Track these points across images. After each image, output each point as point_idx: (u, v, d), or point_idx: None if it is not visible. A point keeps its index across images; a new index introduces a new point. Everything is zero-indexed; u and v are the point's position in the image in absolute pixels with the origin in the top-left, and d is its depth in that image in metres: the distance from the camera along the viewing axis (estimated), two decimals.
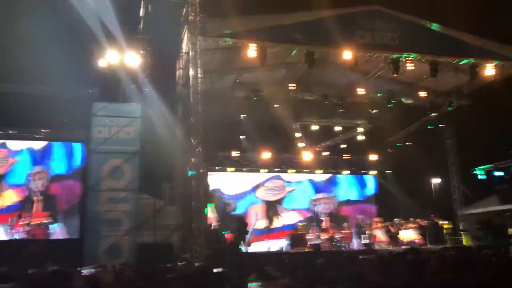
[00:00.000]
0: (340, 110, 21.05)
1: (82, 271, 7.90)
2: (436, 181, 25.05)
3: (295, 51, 17.67)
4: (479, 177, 23.72)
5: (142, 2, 18.01)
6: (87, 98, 17.70)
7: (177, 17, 17.66)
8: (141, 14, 18.26)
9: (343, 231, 20.41)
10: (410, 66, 17.95)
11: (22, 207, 18.15)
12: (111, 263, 12.95)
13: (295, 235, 19.89)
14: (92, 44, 17.00)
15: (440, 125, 23.52)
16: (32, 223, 17.44)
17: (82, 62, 17.28)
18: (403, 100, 21.35)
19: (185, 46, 17.92)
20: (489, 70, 18.79)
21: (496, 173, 23.04)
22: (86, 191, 16.67)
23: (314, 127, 23.62)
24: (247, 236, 19.11)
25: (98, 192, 15.84)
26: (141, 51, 17.77)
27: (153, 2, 17.55)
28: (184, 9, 17.09)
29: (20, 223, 17.47)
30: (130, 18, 18.35)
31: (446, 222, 21.33)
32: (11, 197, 18.22)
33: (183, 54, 18.43)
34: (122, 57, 17.18)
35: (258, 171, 23.87)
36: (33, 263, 10.43)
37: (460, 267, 5.70)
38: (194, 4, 16.30)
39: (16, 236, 17.05)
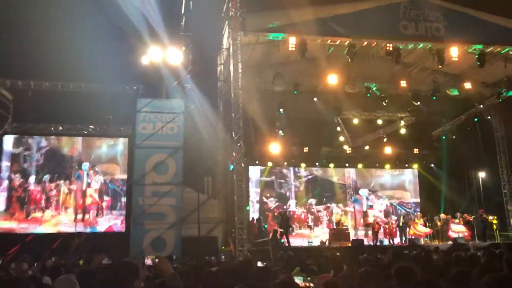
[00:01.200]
0: (383, 103, 20.65)
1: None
2: (483, 175, 24.22)
3: (336, 43, 17.42)
4: None
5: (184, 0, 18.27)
6: (132, 95, 18.20)
7: (218, 13, 17.82)
8: (182, 11, 18.54)
9: (387, 227, 20.13)
10: (455, 57, 17.39)
11: None
12: (156, 255, 13.34)
13: (335, 229, 19.78)
14: (136, 42, 17.43)
15: (488, 117, 22.70)
16: None
17: (127, 60, 17.75)
18: (448, 92, 20.71)
19: (225, 41, 18.07)
20: None
21: None
22: (131, 185, 17.14)
23: (355, 121, 23.33)
24: (290, 230, 19.18)
25: (143, 186, 16.26)
26: (183, 48, 18.05)
27: None
28: (225, 5, 17.23)
29: None
30: (172, 16, 18.69)
31: (495, 217, 20.62)
32: None
33: (224, 49, 18.60)
34: (164, 54, 17.53)
35: (298, 165, 23.81)
36: (82, 255, 10.91)
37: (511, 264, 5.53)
38: None
39: None
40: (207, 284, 4.85)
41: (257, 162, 22.88)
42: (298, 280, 4.68)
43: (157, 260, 7.06)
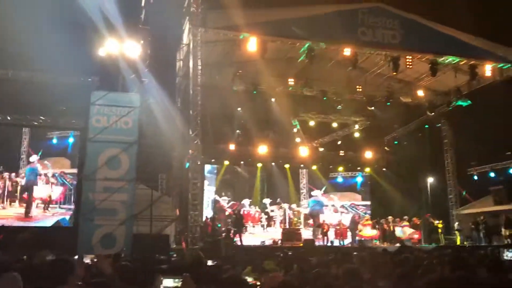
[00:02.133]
0: (338, 106, 21.06)
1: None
2: (432, 180, 25.14)
3: (296, 45, 17.58)
4: (474, 177, 23.88)
5: None
6: (86, 87, 17.64)
7: (179, 8, 17.61)
8: (142, 4, 18.18)
9: (338, 228, 20.52)
10: (409, 65, 17.96)
11: None
12: (105, 252, 13.00)
13: (288, 229, 19.98)
14: (92, 33, 16.93)
15: (437, 125, 23.57)
16: None
17: (82, 51, 17.18)
18: (401, 98, 21.38)
19: (186, 37, 17.91)
20: (489, 71, 18.84)
21: (492, 174, 23.19)
22: (81, 180, 16.64)
23: (312, 123, 23.64)
24: (243, 230, 19.22)
25: (94, 181, 15.80)
26: (142, 41, 17.71)
27: None
28: (186, 0, 17.05)
29: None
30: (132, 8, 18.29)
31: (441, 221, 21.46)
32: None
33: (183, 45, 18.41)
34: (122, 47, 17.13)
35: (254, 165, 23.90)
36: (27, 250, 10.49)
37: (452, 266, 5.76)
38: None
39: None
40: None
41: (213, 160, 22.78)
42: (248, 278, 4.68)
43: (95, 259, 6.88)
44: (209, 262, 7.26)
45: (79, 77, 18.14)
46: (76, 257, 8.74)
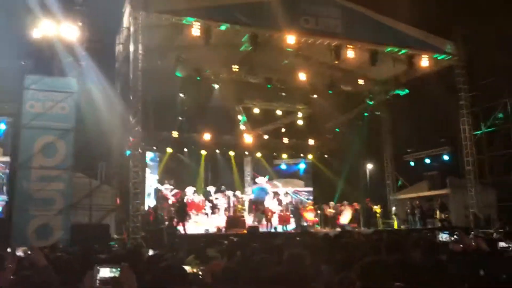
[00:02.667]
0: (282, 94, 21.23)
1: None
2: (371, 166, 26.01)
3: (239, 32, 17.46)
4: (411, 163, 24.95)
5: None
6: (19, 71, 16.66)
7: None
8: None
9: (281, 214, 20.78)
10: (350, 54, 18.33)
11: None
12: (41, 243, 12.47)
13: (231, 217, 20.02)
14: (25, 13, 15.99)
15: (376, 113, 24.33)
16: None
17: (14, 33, 16.19)
18: (342, 87, 21.86)
19: (126, 20, 17.31)
20: (425, 61, 19.60)
21: (427, 160, 24.28)
22: (15, 168, 15.81)
23: (256, 110, 23.69)
24: (187, 218, 19.04)
25: (29, 170, 15.07)
26: (79, 23, 16.93)
27: None
28: None
29: None
30: None
31: (379, 206, 22.27)
32: None
33: (123, 28, 17.80)
34: (58, 29, 16.31)
35: (198, 152, 23.67)
36: None
37: (389, 249, 5.95)
38: None
39: None
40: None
41: (155, 148, 22.32)
42: (188, 267, 4.61)
43: (29, 252, 6.54)
44: (151, 252, 7.10)
45: (11, 60, 17.10)
46: (9, 249, 8.30)
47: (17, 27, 16.20)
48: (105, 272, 3.96)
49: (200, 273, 4.70)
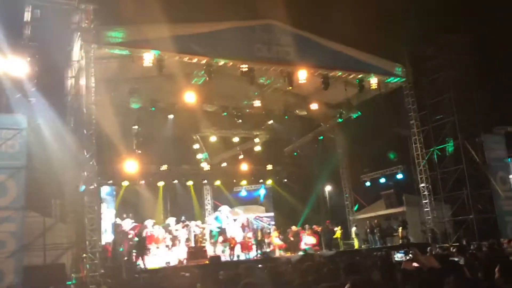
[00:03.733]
0: (239, 121, 21.34)
1: None
2: (329, 188, 26.38)
3: (194, 61, 17.53)
4: (367, 183, 25.49)
5: (30, 7, 16.76)
6: None
7: (68, 24, 16.74)
8: (28, 19, 17.01)
9: (243, 241, 20.63)
10: (303, 80, 18.74)
11: None
12: None
13: (193, 248, 19.67)
14: None
15: (331, 136, 24.83)
16: None
17: None
18: (297, 112, 22.23)
19: (76, 54, 17.08)
20: (375, 84, 20.27)
21: (382, 180, 24.88)
22: None
23: (213, 138, 23.70)
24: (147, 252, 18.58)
25: None
26: (28, 59, 16.55)
27: (40, 6, 16.42)
28: (77, 16, 16.26)
29: None
30: (15, 23, 17.05)
31: (339, 227, 22.51)
32: None
33: (74, 62, 17.53)
34: (6, 64, 15.87)
35: (155, 184, 23.31)
36: None
37: (348, 271, 6.02)
38: (88, 10, 15.62)
39: None
40: None
41: (111, 181, 21.81)
42: None
43: None
44: None
45: None
46: None
47: None
48: None
49: None
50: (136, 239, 18.28)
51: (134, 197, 22.75)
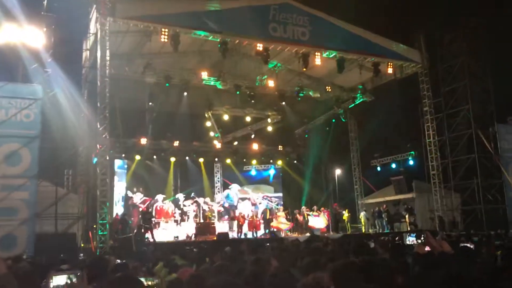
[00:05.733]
0: (251, 100, 21.32)
1: None
2: (339, 172, 26.39)
3: (209, 38, 17.47)
4: (378, 168, 25.44)
5: None
6: None
7: None
8: None
9: (251, 220, 20.83)
10: (318, 61, 18.60)
11: None
12: (5, 254, 12.11)
13: (201, 224, 19.93)
14: None
15: (344, 119, 24.73)
16: None
17: None
18: (311, 93, 22.13)
19: (93, 26, 17.10)
20: (390, 68, 20.09)
21: (393, 165, 24.81)
22: None
23: (226, 117, 23.73)
24: (156, 225, 18.88)
25: None
26: (45, 29, 16.60)
27: None
28: None
29: None
30: None
31: (347, 210, 22.59)
32: None
33: (90, 34, 17.58)
34: (22, 34, 15.95)
35: (167, 159, 23.48)
36: None
37: (357, 252, 6.08)
38: None
39: None
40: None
41: (123, 155, 22.01)
42: (145, 279, 4.54)
43: None
44: (117, 261, 7.02)
45: None
46: None
47: None
48: (60, 280, 3.94)
49: (154, 285, 4.69)
50: (145, 212, 18.56)
51: (145, 172, 22.97)
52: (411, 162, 23.85)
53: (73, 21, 17.62)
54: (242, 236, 19.73)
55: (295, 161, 26.56)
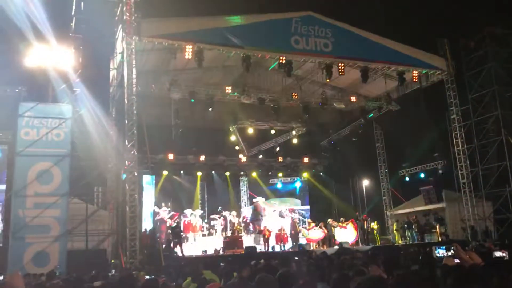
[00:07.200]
0: (276, 113, 21.36)
1: None
2: (366, 182, 26.08)
3: (232, 53, 17.65)
4: (406, 178, 25.02)
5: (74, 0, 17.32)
6: (13, 98, 16.79)
7: (111, 16, 17.21)
8: (72, 12, 17.58)
9: (278, 233, 20.72)
10: (341, 72, 18.55)
11: None
12: (38, 270, 12.39)
13: (229, 237, 19.94)
14: (19, 42, 16.17)
15: (370, 129, 24.49)
16: None
17: (8, 60, 16.37)
18: (335, 104, 22.03)
19: (119, 46, 17.51)
20: (415, 77, 19.86)
21: (422, 175, 24.36)
22: (10, 196, 15.76)
23: (250, 130, 23.83)
24: (184, 240, 18.99)
25: (24, 198, 15.04)
26: (73, 50, 17.11)
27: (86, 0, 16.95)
28: (119, 9, 16.69)
29: None
30: (61, 16, 17.67)
31: (376, 222, 22.26)
32: None
33: (117, 54, 17.99)
34: (52, 56, 16.47)
35: (194, 174, 23.67)
36: None
37: (387, 265, 6.00)
38: (129, 3, 15.98)
39: None
40: None
41: (151, 171, 22.29)
42: None
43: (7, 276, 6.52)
44: (146, 276, 7.10)
45: (5, 88, 17.25)
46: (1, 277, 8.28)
47: (10, 55, 16.37)
48: None
49: None
50: (174, 227, 18.70)
51: (172, 187, 23.21)
52: (440, 171, 23.39)
53: (100, 41, 18.11)
54: (270, 250, 19.63)
55: (321, 173, 26.39)
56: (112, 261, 15.95)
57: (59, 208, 15.20)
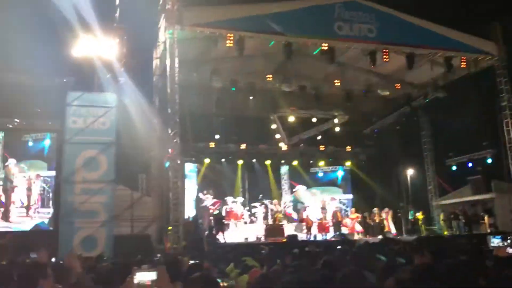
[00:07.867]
0: (318, 101, 21.12)
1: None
2: (411, 172, 25.45)
3: (273, 42, 17.52)
4: (453, 168, 24.25)
5: None
6: (61, 88, 17.32)
7: (154, 6, 17.41)
8: (117, 2, 17.92)
9: (320, 222, 20.60)
10: (386, 58, 18.06)
11: None
12: (87, 254, 12.81)
13: (271, 225, 19.98)
14: (66, 33, 16.65)
15: (415, 117, 23.84)
16: None
17: (56, 51, 16.90)
18: (379, 92, 21.52)
19: (162, 35, 17.72)
20: (464, 62, 19.09)
21: (469, 164, 23.55)
22: (59, 182, 16.37)
23: (291, 118, 23.67)
24: (226, 227, 19.19)
25: (72, 184, 15.59)
26: (117, 40, 17.46)
27: None
28: None
29: None
30: (106, 6, 18.03)
31: (421, 212, 21.73)
32: None
33: (160, 43, 18.22)
34: (97, 46, 16.88)
35: (235, 162, 23.81)
36: (7, 254, 10.28)
37: (434, 255, 5.80)
38: None
39: None
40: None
41: (193, 159, 22.61)
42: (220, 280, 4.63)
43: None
44: (191, 261, 7.18)
45: (54, 78, 17.79)
46: (53, 259, 8.59)
47: (59, 46, 16.89)
48: (143, 277, 4.15)
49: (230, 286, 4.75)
50: (216, 214, 18.92)
51: (214, 175, 23.45)
52: (489, 161, 22.51)
53: (143, 31, 18.39)
54: (312, 239, 19.55)
55: (364, 162, 25.92)
56: (157, 246, 16.33)
57: (105, 195, 15.67)
